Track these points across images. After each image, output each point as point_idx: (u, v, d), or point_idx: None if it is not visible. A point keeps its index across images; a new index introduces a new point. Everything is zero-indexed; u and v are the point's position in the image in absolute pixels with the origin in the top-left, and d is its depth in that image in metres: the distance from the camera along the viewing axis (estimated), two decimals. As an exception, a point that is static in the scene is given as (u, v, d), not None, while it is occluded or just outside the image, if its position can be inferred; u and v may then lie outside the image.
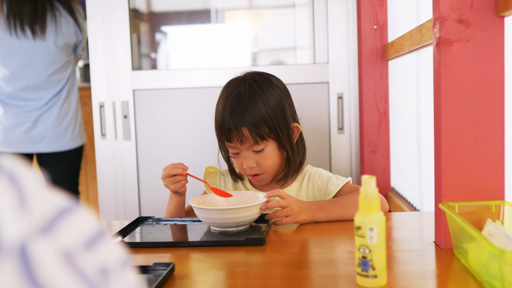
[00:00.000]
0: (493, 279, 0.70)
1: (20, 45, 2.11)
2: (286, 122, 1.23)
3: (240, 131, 1.19)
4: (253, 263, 0.90)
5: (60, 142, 2.20)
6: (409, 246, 0.95)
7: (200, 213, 1.09)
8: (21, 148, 2.16)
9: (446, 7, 0.89)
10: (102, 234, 0.33)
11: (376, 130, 1.90)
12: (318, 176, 1.30)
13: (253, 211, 1.08)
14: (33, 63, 2.13)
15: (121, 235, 1.08)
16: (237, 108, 1.19)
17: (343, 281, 0.78)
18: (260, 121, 1.19)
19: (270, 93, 1.22)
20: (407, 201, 1.72)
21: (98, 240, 0.33)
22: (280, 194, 1.10)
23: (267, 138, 1.21)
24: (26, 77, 2.13)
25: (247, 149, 1.22)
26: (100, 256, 0.32)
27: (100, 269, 0.31)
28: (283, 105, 1.24)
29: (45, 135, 2.17)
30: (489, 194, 0.91)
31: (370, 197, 0.75)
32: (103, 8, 2.01)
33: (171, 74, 2.05)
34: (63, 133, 2.20)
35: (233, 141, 1.21)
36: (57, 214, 0.31)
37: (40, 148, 2.18)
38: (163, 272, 0.83)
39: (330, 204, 1.15)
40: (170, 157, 2.04)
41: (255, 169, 1.24)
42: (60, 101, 2.19)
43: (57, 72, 2.18)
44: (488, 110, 0.89)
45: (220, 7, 2.23)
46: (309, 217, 1.11)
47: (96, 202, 3.20)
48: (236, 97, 1.21)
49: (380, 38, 1.87)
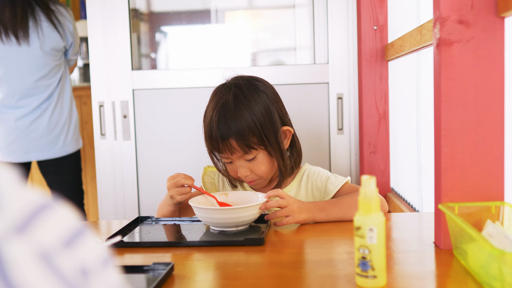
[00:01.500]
0: (493, 280, 0.70)
1: (6, 51, 2.05)
2: (274, 129, 1.21)
3: (229, 143, 1.18)
4: (253, 263, 0.90)
5: (52, 150, 2.14)
6: (408, 246, 0.95)
7: (200, 213, 1.09)
8: (13, 157, 2.12)
9: (447, 8, 0.89)
10: (81, 232, 0.31)
11: (376, 130, 1.90)
12: (317, 175, 1.29)
13: (253, 211, 1.08)
14: (19, 69, 2.07)
15: (120, 234, 1.08)
16: (223, 119, 1.18)
17: (343, 282, 0.78)
18: (247, 132, 1.18)
19: (255, 101, 1.20)
20: (407, 202, 1.72)
21: (77, 238, 0.31)
22: (279, 194, 1.10)
23: (256, 148, 1.20)
24: (13, 84, 2.07)
25: (239, 159, 1.22)
26: (80, 256, 0.30)
27: (80, 269, 0.30)
28: (270, 111, 1.21)
29: (36, 144, 2.12)
30: (489, 195, 0.91)
31: (370, 198, 0.75)
32: (103, 8, 2.01)
33: (170, 74, 2.05)
34: (55, 140, 2.14)
35: (223, 152, 1.21)
36: (33, 212, 0.29)
37: (32, 157, 2.13)
38: (162, 272, 0.83)
39: (330, 204, 1.14)
40: (169, 157, 2.04)
41: (250, 176, 1.23)
42: (50, 107, 2.13)
43: (44, 77, 2.11)
44: (488, 111, 0.89)
45: (220, 8, 2.23)
46: (309, 217, 1.11)
47: (95, 202, 3.20)
48: (221, 107, 1.19)
49: (380, 39, 1.87)
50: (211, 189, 1.36)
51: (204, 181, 1.36)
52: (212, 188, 1.36)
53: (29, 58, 2.07)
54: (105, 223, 1.30)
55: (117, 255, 0.98)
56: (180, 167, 2.02)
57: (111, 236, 1.04)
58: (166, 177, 1.96)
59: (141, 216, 1.22)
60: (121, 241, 1.02)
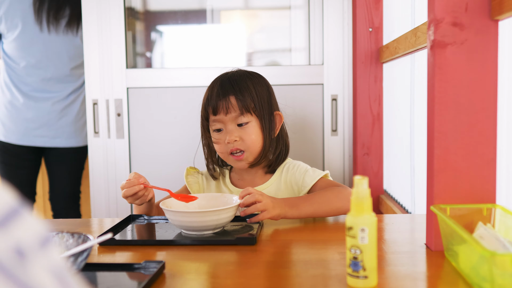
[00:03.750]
0: (483, 281, 0.70)
1: (48, 38, 2.15)
2: (270, 107, 1.28)
3: (228, 99, 1.23)
4: (244, 263, 0.90)
5: (77, 138, 2.22)
6: (400, 248, 0.95)
7: (174, 217, 1.05)
8: (38, 141, 2.17)
9: (441, 10, 0.89)
10: (16, 210, 0.29)
11: (370, 132, 1.90)
12: (296, 169, 1.30)
13: (231, 212, 1.05)
14: (59, 55, 2.16)
15: (112, 232, 1.07)
16: (227, 81, 1.26)
17: (334, 282, 0.78)
18: (247, 94, 1.24)
19: (258, 80, 1.30)
20: (399, 203, 1.72)
21: (11, 217, 0.28)
22: (250, 192, 1.08)
23: (251, 112, 1.24)
24: (50, 70, 2.15)
25: (232, 121, 1.24)
26: (15, 235, 0.28)
27: (15, 250, 0.27)
28: (269, 93, 1.30)
29: (64, 130, 2.18)
30: (480, 197, 0.91)
31: (362, 198, 0.75)
32: (99, 6, 2.01)
33: (165, 73, 2.04)
34: (81, 128, 2.22)
35: (218, 111, 1.23)
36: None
37: (58, 143, 2.18)
38: (153, 270, 0.83)
39: (301, 201, 1.13)
40: (163, 155, 2.04)
41: (238, 143, 1.24)
42: (81, 96, 2.22)
43: (79, 66, 2.21)
44: (481, 113, 0.90)
45: (216, 7, 2.23)
46: (281, 213, 1.10)
47: (88, 200, 3.19)
48: (226, 76, 1.28)
49: (375, 41, 1.88)
50: (196, 188, 1.36)
51: (188, 181, 1.36)
52: (196, 187, 1.36)
53: (70, 46, 2.18)
54: (97, 221, 1.29)
55: (109, 253, 0.97)
56: (173, 166, 2.02)
57: (102, 233, 1.03)
58: (160, 175, 1.96)
59: (133, 214, 1.21)
60: (113, 239, 1.02)
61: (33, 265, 0.28)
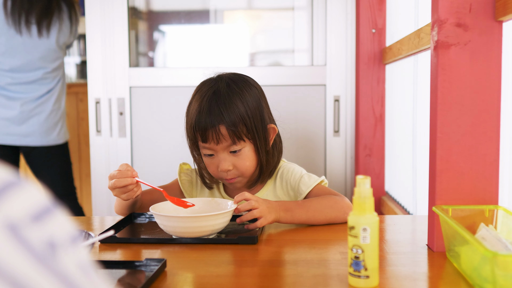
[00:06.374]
0: (485, 282, 0.70)
1: (23, 42, 2.12)
2: (263, 124, 1.18)
3: (218, 129, 1.12)
4: (245, 262, 0.90)
5: (49, 137, 2.21)
6: (401, 248, 0.95)
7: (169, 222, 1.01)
8: (9, 139, 2.16)
9: (445, 11, 0.89)
10: (50, 208, 0.32)
11: (372, 133, 1.90)
12: (290, 174, 1.25)
13: (226, 218, 1.03)
14: (33, 60, 2.14)
15: (113, 230, 1.07)
16: (215, 106, 1.13)
17: (335, 281, 0.78)
18: (239, 120, 1.13)
19: (248, 93, 1.17)
20: (401, 205, 1.72)
21: (46, 214, 0.31)
22: (247, 197, 1.06)
23: (244, 139, 1.15)
24: (25, 73, 2.15)
25: (224, 150, 1.15)
26: (48, 230, 0.31)
27: (48, 243, 0.30)
28: (260, 105, 1.19)
29: (35, 129, 2.18)
30: (483, 198, 0.91)
31: (364, 198, 0.75)
32: (102, 5, 2.01)
33: (167, 72, 2.05)
34: (52, 128, 2.22)
35: (208, 140, 1.14)
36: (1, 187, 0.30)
37: (29, 142, 2.18)
38: (154, 268, 0.83)
39: (297, 206, 1.10)
40: (164, 155, 2.04)
41: (232, 172, 1.17)
42: (54, 96, 2.21)
43: (54, 70, 2.20)
44: (484, 114, 0.90)
45: (219, 8, 2.23)
46: (276, 218, 1.07)
47: (89, 199, 3.19)
48: (213, 94, 1.15)
49: (378, 42, 1.88)
50: (189, 187, 1.31)
51: (181, 179, 1.31)
52: (189, 187, 1.31)
53: (45, 51, 2.17)
54: (99, 219, 1.29)
55: (110, 251, 0.97)
56: (175, 165, 2.01)
57: (103, 231, 1.03)
58: (161, 174, 1.96)
59: (134, 213, 1.21)
60: (114, 237, 1.02)
61: (63, 257, 0.31)
